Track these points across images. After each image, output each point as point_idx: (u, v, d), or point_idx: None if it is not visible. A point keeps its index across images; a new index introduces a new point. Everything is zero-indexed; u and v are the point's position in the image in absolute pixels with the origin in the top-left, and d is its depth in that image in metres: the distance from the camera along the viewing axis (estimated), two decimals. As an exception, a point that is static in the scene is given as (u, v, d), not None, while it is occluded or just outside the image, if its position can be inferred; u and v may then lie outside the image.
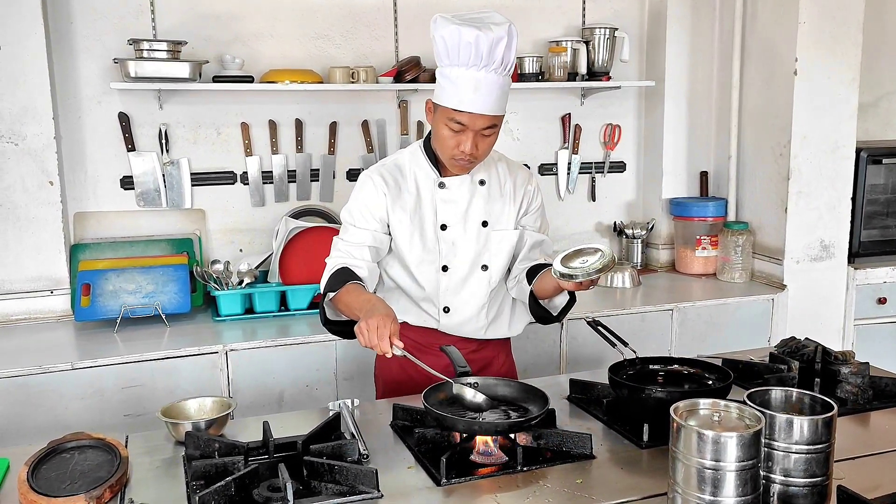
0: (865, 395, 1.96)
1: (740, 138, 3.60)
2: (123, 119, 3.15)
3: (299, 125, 3.36)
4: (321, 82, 3.22)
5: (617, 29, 3.59)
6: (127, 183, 3.20)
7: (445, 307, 2.11)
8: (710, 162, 3.81)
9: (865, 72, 3.43)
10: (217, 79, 3.12)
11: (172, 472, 1.66)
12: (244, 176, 3.34)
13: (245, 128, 3.30)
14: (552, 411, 1.79)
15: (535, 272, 2.07)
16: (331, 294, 1.97)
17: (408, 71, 3.28)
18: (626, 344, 1.98)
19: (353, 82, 3.23)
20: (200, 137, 3.27)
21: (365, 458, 1.66)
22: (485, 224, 2.09)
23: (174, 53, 3.00)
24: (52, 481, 1.53)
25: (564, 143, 3.77)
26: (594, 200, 3.86)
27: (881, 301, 3.55)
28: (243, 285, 3.06)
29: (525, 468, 1.63)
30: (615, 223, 3.84)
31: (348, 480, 1.54)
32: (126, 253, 3.13)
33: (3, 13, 2.86)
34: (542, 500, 1.52)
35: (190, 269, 3.06)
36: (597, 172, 3.84)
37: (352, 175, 3.45)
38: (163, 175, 3.22)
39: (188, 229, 3.29)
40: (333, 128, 3.40)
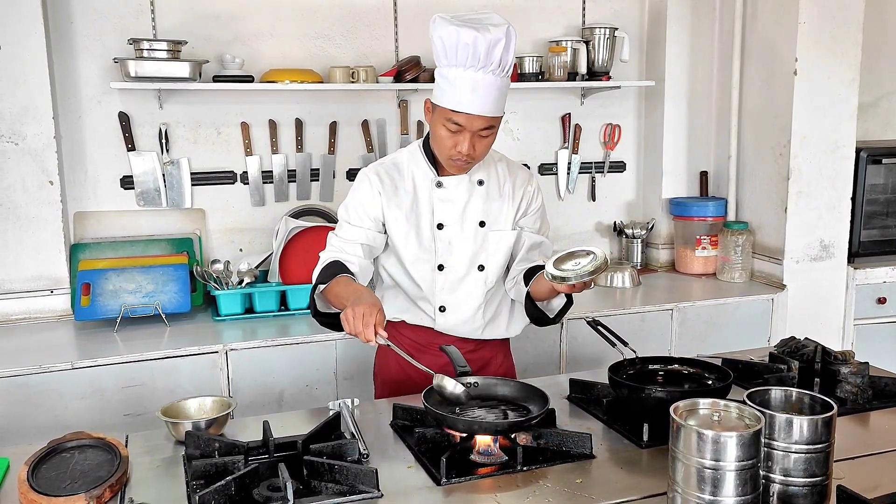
0: (865, 394, 1.96)
1: (740, 138, 3.60)
2: (123, 119, 3.15)
3: (299, 125, 3.36)
4: (321, 82, 3.22)
5: (617, 29, 3.59)
6: (127, 182, 3.20)
7: (441, 306, 2.11)
8: (709, 162, 3.81)
9: (865, 72, 3.43)
10: (217, 78, 3.12)
11: (172, 472, 1.66)
12: (244, 176, 3.34)
13: (245, 127, 3.30)
14: (552, 411, 1.79)
15: (532, 273, 2.06)
16: (321, 286, 1.97)
17: (408, 71, 3.28)
18: (625, 344, 1.98)
19: (353, 82, 3.23)
20: (200, 137, 3.27)
21: (365, 457, 1.66)
22: (482, 224, 2.09)
23: (174, 53, 3.00)
24: (53, 481, 1.53)
25: (564, 142, 3.77)
26: (594, 200, 3.86)
27: (881, 301, 3.55)
28: (243, 285, 3.06)
29: (525, 468, 1.63)
30: (615, 223, 3.84)
31: (348, 480, 1.54)
32: (126, 252, 3.13)
33: (3, 13, 2.86)
34: (542, 499, 1.52)
35: (190, 268, 3.06)
36: (597, 172, 3.85)
37: (352, 175, 3.45)
38: (163, 175, 3.22)
39: (188, 229, 3.29)
40: (333, 127, 3.40)
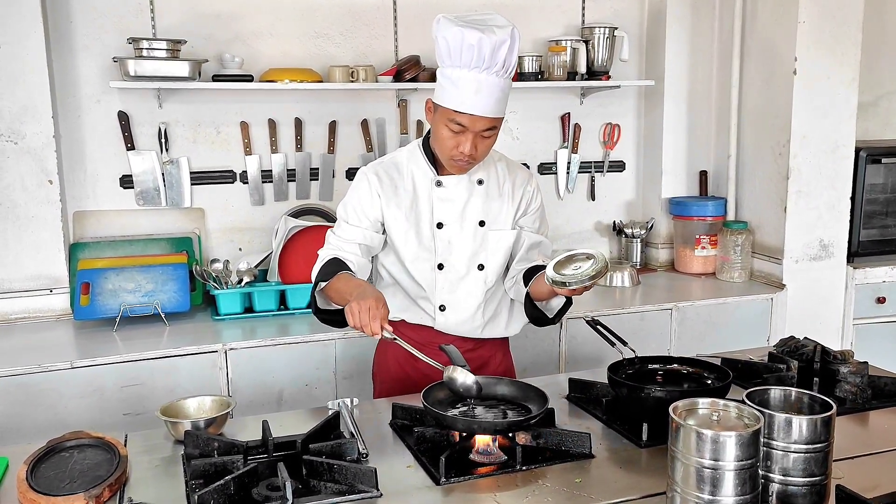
0: (864, 394, 1.96)
1: (740, 138, 3.60)
2: (123, 118, 3.15)
3: (299, 124, 3.36)
4: (321, 81, 3.22)
5: (616, 28, 3.59)
6: (126, 182, 3.20)
7: (441, 305, 2.11)
8: (709, 161, 3.81)
9: (865, 71, 3.43)
10: (217, 78, 3.12)
11: (172, 471, 1.66)
12: (244, 175, 3.34)
13: (244, 127, 3.30)
14: (551, 410, 1.79)
15: (532, 274, 2.06)
16: (322, 283, 1.97)
17: (407, 70, 3.27)
18: (625, 343, 1.98)
19: (352, 81, 3.23)
20: (200, 136, 3.27)
21: (364, 457, 1.66)
22: (482, 223, 2.10)
23: (174, 52, 2.99)
24: (52, 480, 1.53)
25: (564, 142, 3.77)
26: (594, 200, 3.86)
27: (880, 300, 3.55)
28: (243, 284, 3.06)
29: (524, 467, 1.63)
30: (614, 222, 3.84)
31: (347, 479, 1.54)
32: (125, 252, 3.13)
33: (3, 12, 2.86)
34: (542, 499, 1.52)
35: (189, 267, 3.06)
36: (596, 172, 3.84)
37: (351, 174, 3.45)
38: (162, 174, 3.21)
39: (187, 228, 3.29)
40: (333, 127, 3.40)
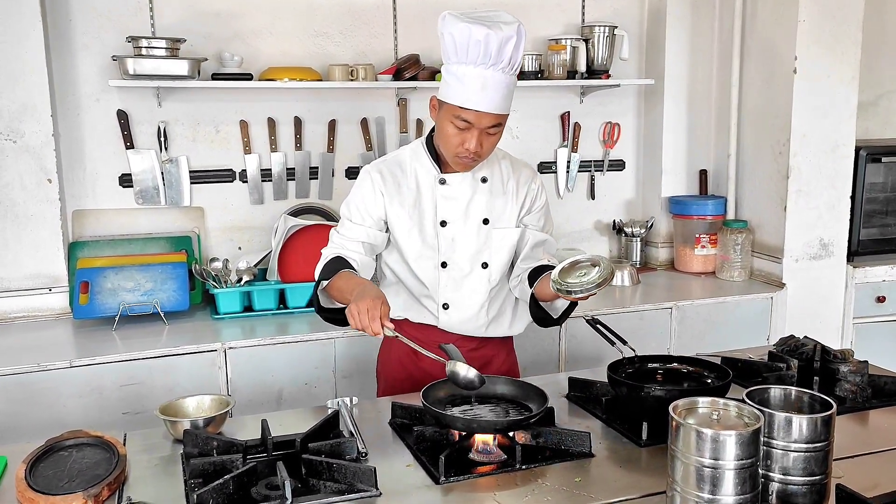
0: (864, 393, 1.96)
1: (740, 137, 3.60)
2: (122, 116, 3.14)
3: (298, 123, 3.35)
4: (320, 80, 3.21)
5: (616, 27, 3.59)
6: (126, 181, 3.20)
7: (445, 304, 2.11)
8: (709, 160, 3.80)
9: (865, 70, 3.43)
10: (216, 76, 3.12)
11: (171, 471, 1.65)
12: (243, 174, 3.33)
13: (244, 125, 3.29)
14: (551, 409, 1.79)
15: (537, 274, 2.05)
16: (324, 282, 1.97)
17: (407, 69, 3.27)
18: (625, 342, 1.98)
19: (352, 80, 3.23)
20: (199, 135, 3.27)
21: (363, 456, 1.66)
22: (486, 221, 2.09)
23: (173, 51, 2.99)
24: (50, 479, 1.53)
25: (564, 141, 3.77)
26: (593, 199, 3.86)
27: (880, 300, 3.55)
28: (242, 283, 3.05)
29: (524, 466, 1.63)
30: (614, 221, 3.84)
31: (347, 479, 1.53)
32: (125, 251, 3.13)
33: (2, 11, 2.86)
34: (541, 498, 1.52)
35: (189, 266, 3.06)
36: (596, 171, 3.84)
37: (351, 173, 3.44)
38: (161, 173, 3.21)
39: (187, 227, 3.28)
40: (332, 125, 3.40)
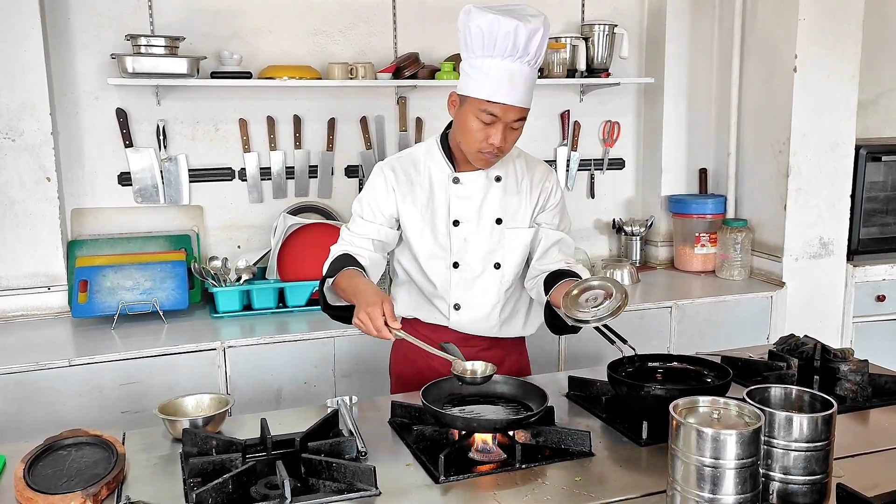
0: (864, 392, 1.96)
1: (740, 135, 3.60)
2: (121, 115, 3.14)
3: (298, 121, 3.35)
4: (320, 78, 3.21)
5: (616, 25, 3.58)
6: (125, 179, 3.19)
7: (456, 304, 2.09)
8: (709, 159, 3.80)
9: (865, 69, 3.42)
10: (215, 75, 3.11)
11: (170, 470, 1.65)
12: (242, 172, 3.33)
13: (243, 124, 3.29)
14: (551, 409, 1.79)
15: (553, 280, 2.01)
16: (329, 280, 1.97)
17: (406, 67, 3.27)
18: (625, 341, 1.97)
19: (351, 78, 3.22)
20: (198, 134, 3.26)
21: (363, 455, 1.66)
22: (499, 221, 2.07)
23: (172, 49, 2.98)
24: (49, 478, 1.52)
25: (563, 139, 3.77)
26: (593, 197, 3.86)
27: (880, 298, 3.54)
28: (241, 282, 3.05)
29: (524, 466, 1.63)
30: (614, 220, 3.83)
31: (346, 478, 1.53)
32: (124, 249, 3.13)
33: (1, 10, 2.85)
34: (541, 497, 1.52)
35: (188, 265, 3.06)
36: (596, 169, 3.84)
37: (350, 171, 3.44)
38: (161, 171, 3.21)
39: (186, 226, 3.28)
40: (332, 124, 3.39)
